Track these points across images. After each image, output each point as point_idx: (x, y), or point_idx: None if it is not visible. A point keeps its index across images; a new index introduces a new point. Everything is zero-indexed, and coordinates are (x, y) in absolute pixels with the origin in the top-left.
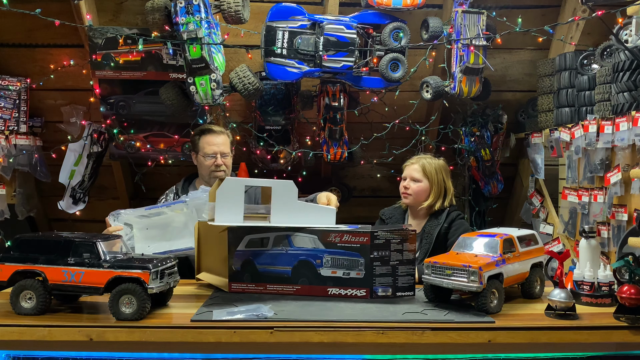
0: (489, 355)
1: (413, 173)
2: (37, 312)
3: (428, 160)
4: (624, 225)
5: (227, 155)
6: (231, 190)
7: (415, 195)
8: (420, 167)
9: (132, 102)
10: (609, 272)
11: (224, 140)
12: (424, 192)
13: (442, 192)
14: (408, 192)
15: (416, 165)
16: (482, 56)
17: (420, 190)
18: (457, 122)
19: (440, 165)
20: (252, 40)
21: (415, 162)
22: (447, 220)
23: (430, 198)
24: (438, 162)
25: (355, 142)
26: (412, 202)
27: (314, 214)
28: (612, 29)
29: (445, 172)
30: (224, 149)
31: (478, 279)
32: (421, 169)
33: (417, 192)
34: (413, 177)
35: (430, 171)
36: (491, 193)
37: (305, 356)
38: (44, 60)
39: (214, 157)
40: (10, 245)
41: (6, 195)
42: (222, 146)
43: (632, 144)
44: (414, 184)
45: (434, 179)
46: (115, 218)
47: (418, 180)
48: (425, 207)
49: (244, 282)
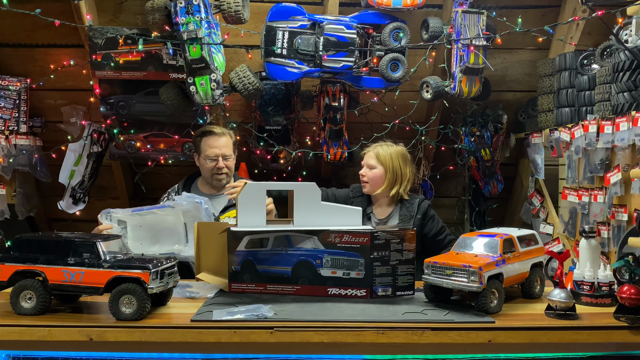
0: (489, 355)
1: (368, 160)
2: (37, 312)
3: (383, 147)
4: (624, 225)
5: (228, 157)
6: (253, 195)
7: (371, 181)
8: (375, 154)
9: (132, 102)
10: (609, 272)
11: (225, 142)
12: (379, 179)
13: (397, 179)
14: (364, 180)
15: (371, 153)
16: (482, 56)
17: (375, 176)
18: (457, 122)
19: (397, 151)
20: (252, 40)
21: (370, 150)
22: (420, 211)
23: (384, 184)
24: (395, 149)
25: (355, 142)
26: (369, 189)
27: (338, 215)
28: (612, 29)
29: (402, 159)
30: (226, 151)
31: (478, 279)
32: (375, 156)
33: (372, 179)
34: (368, 164)
35: (384, 157)
36: (491, 193)
37: (305, 356)
38: (44, 60)
39: (215, 160)
40: (10, 245)
41: (6, 195)
42: (224, 148)
43: (632, 144)
44: (370, 171)
45: (389, 165)
46: (107, 216)
47: (373, 167)
48: (381, 193)
49: (244, 282)
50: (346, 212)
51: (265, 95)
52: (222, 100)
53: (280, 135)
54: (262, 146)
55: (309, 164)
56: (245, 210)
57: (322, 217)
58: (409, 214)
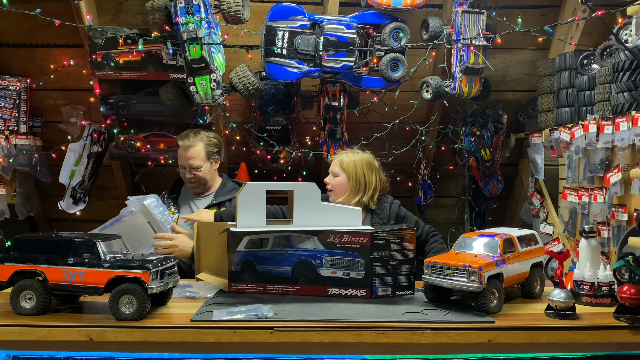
0: (489, 355)
1: (333, 168)
2: (37, 312)
3: (348, 155)
4: (624, 225)
5: (197, 168)
6: (253, 196)
7: (334, 189)
8: (338, 161)
9: (132, 102)
10: (609, 272)
11: (192, 154)
12: (342, 186)
13: (361, 187)
14: (329, 188)
15: (335, 160)
16: (482, 56)
17: (338, 184)
18: (457, 122)
19: (363, 159)
20: (252, 40)
21: (335, 157)
22: (392, 216)
23: (347, 192)
24: (361, 156)
25: (355, 142)
26: (334, 197)
27: (338, 215)
28: (612, 29)
29: (367, 166)
30: (193, 163)
31: (478, 279)
32: (339, 163)
33: (335, 187)
34: (333, 171)
35: (348, 164)
36: (491, 193)
37: (305, 356)
38: (44, 60)
39: (184, 169)
40: (10, 245)
41: (6, 195)
42: (190, 160)
43: (632, 144)
44: (333, 179)
45: (352, 173)
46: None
47: (337, 174)
48: (343, 201)
49: (244, 282)
50: (346, 212)
51: (265, 95)
52: (222, 100)
53: (280, 135)
54: (262, 146)
55: (309, 164)
56: (245, 210)
57: (322, 217)
58: (381, 221)
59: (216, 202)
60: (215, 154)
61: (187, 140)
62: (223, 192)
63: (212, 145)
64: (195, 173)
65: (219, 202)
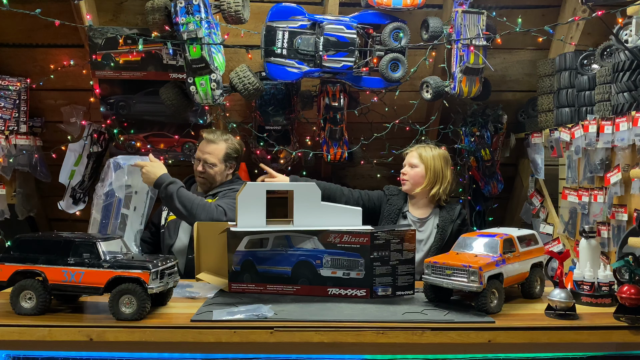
0: (489, 355)
1: (411, 159)
2: (37, 312)
3: (426, 149)
4: (624, 225)
5: (211, 165)
6: (253, 196)
7: (411, 180)
8: (417, 153)
9: (132, 102)
10: (609, 272)
11: (213, 150)
12: (420, 177)
13: (438, 179)
14: (405, 178)
15: (414, 152)
16: (482, 56)
17: (416, 175)
18: (457, 122)
19: (440, 153)
20: (252, 40)
21: (413, 150)
22: (460, 217)
23: (424, 183)
24: (438, 150)
25: (355, 142)
26: (409, 187)
27: (338, 215)
28: (612, 29)
29: (444, 160)
30: (209, 158)
31: (478, 279)
32: (418, 155)
33: (413, 177)
34: (411, 163)
35: (426, 157)
36: (491, 193)
37: (305, 356)
38: (44, 60)
39: (199, 161)
40: (10, 245)
41: (6, 195)
42: (208, 155)
43: (632, 144)
44: (411, 170)
45: (430, 165)
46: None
47: (415, 165)
48: (420, 192)
49: (244, 282)
50: (346, 212)
51: (265, 95)
52: (222, 100)
53: (280, 135)
54: (262, 146)
55: (309, 164)
56: (245, 210)
57: (322, 217)
58: (450, 218)
59: (212, 193)
60: (233, 159)
61: (213, 135)
62: (224, 186)
63: (233, 150)
64: (207, 169)
65: (215, 192)
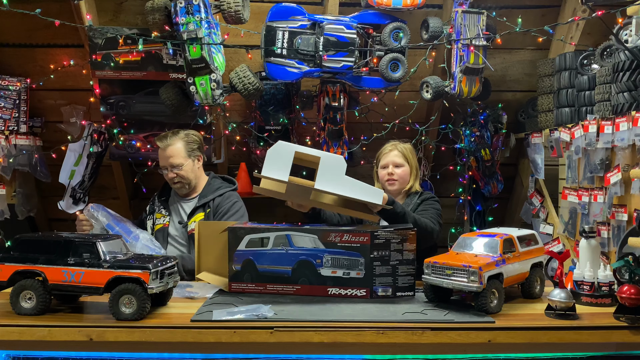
0: (489, 355)
1: (395, 159)
2: (37, 312)
3: (403, 145)
4: (624, 225)
5: (178, 166)
6: (282, 152)
7: (400, 179)
8: (400, 152)
9: (132, 102)
10: (609, 272)
11: (171, 152)
12: (407, 175)
13: (418, 173)
14: (394, 178)
15: (396, 151)
16: (482, 56)
17: (404, 174)
18: (457, 122)
19: (411, 147)
20: (252, 40)
21: (393, 149)
22: (421, 198)
23: (411, 180)
24: (410, 146)
25: (355, 142)
26: (399, 187)
27: (359, 190)
28: (612, 29)
29: (415, 154)
30: (173, 161)
31: (478, 279)
32: (401, 154)
33: (402, 177)
34: (395, 162)
35: (408, 155)
36: (491, 193)
37: (305, 356)
38: (44, 60)
39: (166, 170)
40: (10, 245)
41: (6, 195)
42: (171, 159)
43: (632, 144)
44: (398, 169)
45: (412, 162)
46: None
47: (400, 165)
48: (407, 190)
49: (244, 282)
50: (368, 190)
51: (265, 95)
52: (222, 100)
53: (280, 135)
54: (262, 146)
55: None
56: (273, 162)
57: (343, 187)
58: (411, 201)
59: (200, 204)
60: (196, 150)
61: (165, 140)
62: (208, 191)
63: (193, 143)
64: (177, 172)
65: (203, 203)
